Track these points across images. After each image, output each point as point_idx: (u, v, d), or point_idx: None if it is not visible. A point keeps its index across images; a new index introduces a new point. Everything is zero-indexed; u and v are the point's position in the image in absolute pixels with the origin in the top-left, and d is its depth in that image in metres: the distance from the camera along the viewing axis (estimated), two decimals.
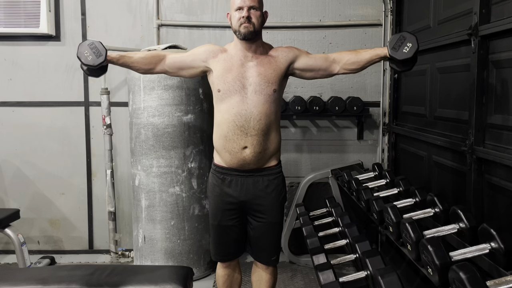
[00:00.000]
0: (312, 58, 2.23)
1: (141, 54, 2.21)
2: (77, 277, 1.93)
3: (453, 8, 2.43)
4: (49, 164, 3.77)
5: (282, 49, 2.24)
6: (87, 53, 2.05)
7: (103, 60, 2.07)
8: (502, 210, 1.97)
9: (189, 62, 2.22)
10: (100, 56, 2.06)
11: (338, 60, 2.19)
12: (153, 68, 2.22)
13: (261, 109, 2.13)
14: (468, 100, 2.17)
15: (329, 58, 2.21)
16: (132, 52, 2.25)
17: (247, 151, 2.14)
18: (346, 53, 2.21)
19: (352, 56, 2.17)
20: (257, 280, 2.40)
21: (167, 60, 2.22)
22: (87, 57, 2.06)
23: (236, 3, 2.11)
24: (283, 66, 2.19)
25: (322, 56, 2.25)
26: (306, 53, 2.25)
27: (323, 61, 2.21)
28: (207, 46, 2.25)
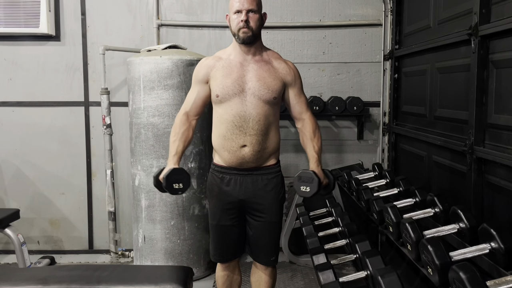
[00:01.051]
0: (295, 100, 2.25)
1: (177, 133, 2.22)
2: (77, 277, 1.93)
3: (453, 8, 2.43)
4: (49, 164, 3.77)
5: (285, 65, 2.23)
6: (176, 185, 2.13)
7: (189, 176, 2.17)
8: (502, 210, 1.97)
9: (202, 94, 2.23)
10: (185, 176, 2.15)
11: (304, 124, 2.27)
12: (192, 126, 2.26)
13: (260, 111, 2.13)
14: (468, 100, 2.17)
15: (302, 115, 2.27)
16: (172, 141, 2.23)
17: (246, 149, 2.15)
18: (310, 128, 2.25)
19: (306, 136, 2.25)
20: (256, 280, 2.40)
21: (191, 113, 2.25)
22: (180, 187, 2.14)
23: (235, 6, 2.11)
24: (282, 80, 2.20)
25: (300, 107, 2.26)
26: (298, 89, 2.26)
27: (297, 112, 2.27)
28: (202, 65, 2.24)
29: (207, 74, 2.20)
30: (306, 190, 2.10)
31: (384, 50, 3.61)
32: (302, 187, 2.10)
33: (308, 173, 2.11)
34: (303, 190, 2.11)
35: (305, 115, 2.26)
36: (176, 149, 2.20)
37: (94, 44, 3.67)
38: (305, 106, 2.27)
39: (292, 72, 2.24)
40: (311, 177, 2.10)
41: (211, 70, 2.19)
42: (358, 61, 3.68)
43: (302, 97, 2.27)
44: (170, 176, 2.11)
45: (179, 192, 2.15)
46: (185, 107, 2.27)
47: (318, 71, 3.69)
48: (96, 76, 3.69)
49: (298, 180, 2.12)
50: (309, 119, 2.26)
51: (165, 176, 2.12)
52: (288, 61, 2.28)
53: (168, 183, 2.11)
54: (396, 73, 3.41)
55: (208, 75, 2.20)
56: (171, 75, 3.05)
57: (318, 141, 2.24)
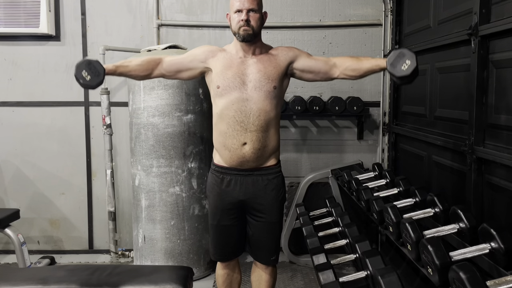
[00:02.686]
0: (312, 60, 2.23)
1: (136, 61, 2.18)
2: (77, 277, 1.93)
3: (453, 8, 2.43)
4: (49, 164, 3.77)
5: (283, 48, 2.25)
6: (85, 73, 2.03)
7: (102, 78, 2.05)
8: (502, 210, 1.97)
9: (187, 63, 2.22)
10: (98, 75, 2.04)
11: (339, 65, 2.18)
12: (150, 73, 2.21)
13: (260, 105, 2.13)
14: (468, 100, 2.17)
15: (330, 62, 2.20)
16: (128, 60, 2.21)
17: (246, 147, 2.15)
18: (347, 58, 2.20)
19: (353, 63, 2.16)
20: (257, 280, 2.40)
21: (164, 64, 2.21)
22: (85, 78, 2.03)
23: (235, 5, 2.11)
24: (283, 64, 2.19)
25: (323, 59, 2.24)
26: (307, 54, 2.25)
27: (323, 64, 2.20)
28: (205, 46, 2.26)
29: (206, 57, 2.20)
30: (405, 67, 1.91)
31: (384, 50, 3.61)
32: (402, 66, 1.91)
33: (395, 52, 1.95)
34: (403, 68, 1.91)
35: (332, 60, 2.21)
36: (121, 64, 2.14)
37: (94, 44, 3.67)
38: (325, 57, 2.24)
39: (293, 48, 2.25)
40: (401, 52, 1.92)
41: (212, 56, 2.19)
42: None
43: (318, 57, 2.25)
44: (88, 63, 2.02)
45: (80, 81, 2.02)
46: (165, 57, 2.23)
47: None
48: None
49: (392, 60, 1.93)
50: (339, 58, 2.21)
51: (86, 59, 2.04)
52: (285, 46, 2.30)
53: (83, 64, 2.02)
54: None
55: (207, 59, 2.20)
56: None
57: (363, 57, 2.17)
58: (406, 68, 1.93)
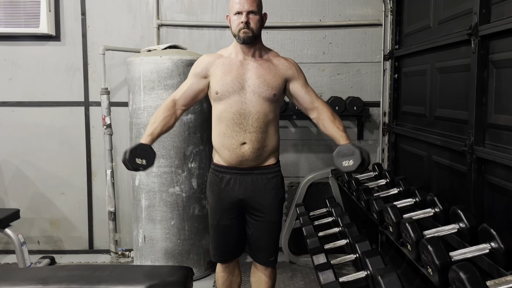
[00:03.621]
0: (303, 90, 2.23)
1: (159, 118, 2.18)
2: (77, 277, 1.93)
3: (453, 8, 2.43)
4: (49, 164, 3.77)
5: (284, 61, 2.24)
6: (139, 160, 2.05)
7: (154, 153, 2.09)
8: (502, 210, 1.97)
9: (196, 87, 2.23)
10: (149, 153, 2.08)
11: (319, 111, 2.21)
12: (176, 116, 2.24)
13: (259, 108, 2.14)
14: (468, 100, 2.17)
15: (314, 103, 2.22)
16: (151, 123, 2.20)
17: (245, 147, 2.15)
18: (328, 112, 2.20)
19: (327, 121, 2.18)
20: (256, 281, 2.40)
21: (179, 102, 2.23)
22: (143, 164, 2.06)
23: (235, 7, 2.11)
24: (282, 76, 2.20)
25: (310, 96, 2.23)
26: (303, 81, 2.25)
27: (308, 102, 2.23)
28: (202, 60, 2.25)
29: (206, 69, 2.20)
30: (349, 164, 1.99)
31: (384, 50, 3.61)
32: (344, 162, 1.99)
33: (346, 146, 2.02)
34: (345, 165, 1.99)
35: (317, 103, 2.23)
36: (152, 131, 2.17)
37: (94, 44, 3.67)
38: (314, 95, 2.25)
39: (293, 67, 2.24)
40: (351, 149, 1.99)
41: (211, 66, 2.20)
42: (358, 61, 3.68)
43: (309, 87, 2.26)
44: (135, 150, 2.05)
45: (140, 169, 2.07)
46: (175, 94, 2.26)
47: (318, 71, 3.69)
48: (96, 76, 3.69)
49: (338, 156, 2.00)
50: (323, 105, 2.23)
51: (130, 149, 2.06)
52: (288, 58, 2.29)
53: (131, 156, 2.04)
54: (396, 73, 3.41)
55: (207, 71, 2.20)
56: (171, 75, 3.05)
57: (340, 122, 2.19)
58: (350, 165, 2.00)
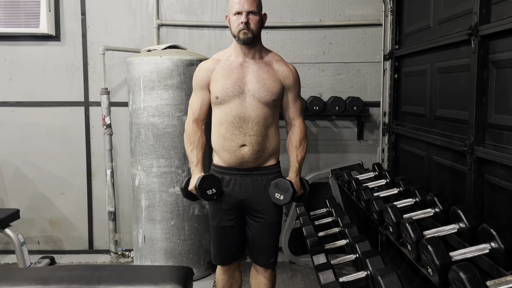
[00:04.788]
0: (290, 103, 2.26)
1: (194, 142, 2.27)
2: (77, 277, 1.93)
3: (453, 8, 2.42)
4: (49, 164, 3.77)
5: (285, 69, 2.23)
6: (209, 191, 2.17)
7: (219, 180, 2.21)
8: (502, 210, 1.97)
9: (206, 98, 2.25)
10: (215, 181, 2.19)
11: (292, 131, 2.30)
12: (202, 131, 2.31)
13: (259, 112, 2.14)
14: (468, 100, 2.17)
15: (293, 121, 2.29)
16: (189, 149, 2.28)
17: (245, 149, 2.15)
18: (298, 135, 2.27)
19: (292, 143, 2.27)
20: (256, 283, 2.40)
21: (199, 119, 2.29)
22: (214, 194, 2.18)
23: (235, 8, 2.11)
24: (281, 82, 2.20)
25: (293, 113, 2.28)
26: (295, 94, 2.27)
27: (289, 117, 2.30)
28: (201, 69, 2.25)
29: (207, 78, 2.21)
30: (279, 198, 2.16)
31: (384, 50, 3.61)
32: (276, 194, 2.16)
33: (285, 182, 2.16)
34: (276, 197, 2.16)
35: (296, 121, 2.28)
36: (196, 157, 2.25)
37: (94, 44, 3.67)
38: (298, 112, 2.28)
39: (292, 76, 2.23)
40: (287, 187, 2.15)
41: (211, 73, 2.20)
42: (358, 61, 3.68)
43: (297, 102, 2.28)
44: (201, 184, 2.16)
45: (214, 197, 2.19)
46: (193, 114, 2.28)
47: (318, 71, 3.69)
48: (96, 76, 3.69)
49: (274, 187, 2.17)
50: (299, 127, 2.28)
51: (197, 186, 2.16)
52: (290, 64, 2.28)
53: (202, 191, 2.16)
54: (396, 73, 3.41)
55: (208, 79, 2.20)
56: (171, 75, 3.05)
57: (303, 151, 2.27)
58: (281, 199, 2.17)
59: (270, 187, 2.18)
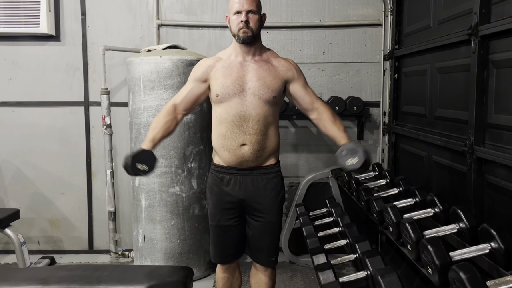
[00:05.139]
0: (303, 91, 2.24)
1: (160, 123, 2.20)
2: (77, 277, 1.93)
3: (453, 8, 2.43)
4: (49, 164, 3.77)
5: (284, 62, 2.24)
6: (140, 166, 2.07)
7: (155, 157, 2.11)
8: (502, 210, 1.97)
9: (195, 91, 2.23)
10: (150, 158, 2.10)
11: (319, 112, 2.23)
12: (177, 120, 2.25)
13: (259, 111, 2.14)
14: (468, 100, 2.17)
15: (315, 104, 2.24)
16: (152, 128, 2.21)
17: (245, 148, 2.15)
18: (328, 113, 2.22)
19: (327, 122, 2.20)
20: (256, 282, 2.40)
21: (179, 107, 2.24)
22: (144, 170, 2.08)
23: (235, 7, 2.11)
24: (282, 78, 2.20)
25: (311, 97, 2.24)
26: (303, 82, 2.25)
27: (308, 102, 2.24)
28: (201, 64, 2.25)
29: (206, 73, 2.20)
30: (353, 163, 2.00)
31: (384, 50, 3.61)
32: (349, 161, 2.00)
33: (349, 145, 2.03)
34: (350, 163, 2.00)
35: (317, 104, 2.24)
36: (154, 136, 2.17)
37: (94, 44, 3.67)
38: (314, 96, 2.26)
39: (293, 68, 2.24)
40: (354, 148, 2.01)
41: (211, 70, 2.20)
42: (358, 61, 3.68)
43: (308, 88, 2.27)
44: (136, 156, 2.07)
45: (141, 174, 2.09)
46: (175, 99, 2.26)
47: (318, 71, 3.69)
48: (96, 76, 3.69)
49: (341, 155, 2.01)
50: (323, 106, 2.25)
51: (131, 155, 2.07)
52: (287, 58, 2.29)
53: (132, 161, 2.05)
54: (396, 73, 3.41)
55: (207, 75, 2.20)
56: (171, 75, 3.05)
57: (340, 123, 2.21)
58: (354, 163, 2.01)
59: (338, 158, 2.03)
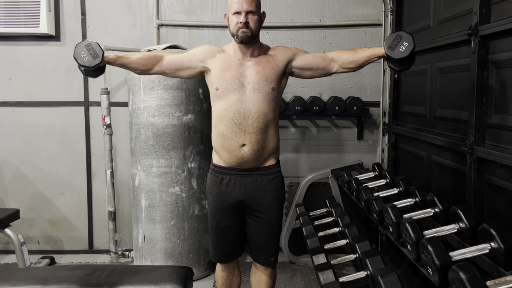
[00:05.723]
0: (310, 57, 2.24)
1: (138, 55, 2.21)
2: (77, 277, 1.93)
3: (453, 8, 2.43)
4: (49, 164, 3.77)
5: (280, 48, 2.25)
6: (83, 54, 2.04)
7: (99, 61, 2.06)
8: (502, 210, 1.97)
9: (186, 62, 2.23)
10: (96, 57, 2.05)
11: (337, 59, 2.20)
12: (151, 68, 2.22)
13: (259, 107, 2.13)
14: (468, 100, 2.17)
15: (328, 57, 2.22)
16: (130, 53, 2.25)
17: (245, 148, 2.15)
18: (344, 52, 2.22)
19: (350, 55, 2.18)
20: (256, 281, 2.40)
21: (165, 61, 2.22)
22: (83, 58, 2.04)
23: (234, 7, 2.11)
24: (281, 65, 2.20)
25: (320, 55, 2.26)
26: (304, 52, 2.26)
27: (321, 60, 2.22)
28: (205, 46, 2.26)
29: (206, 57, 2.20)
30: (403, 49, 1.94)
31: None
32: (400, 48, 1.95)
33: (392, 35, 1.98)
34: (401, 50, 1.95)
35: (329, 55, 2.22)
36: (123, 55, 2.17)
37: None
38: (322, 54, 2.26)
39: (291, 47, 2.26)
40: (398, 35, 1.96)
41: (211, 56, 2.20)
42: None
43: (315, 54, 2.27)
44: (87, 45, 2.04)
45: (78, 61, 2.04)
46: (166, 55, 2.25)
47: None
48: None
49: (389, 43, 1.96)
50: (336, 52, 2.23)
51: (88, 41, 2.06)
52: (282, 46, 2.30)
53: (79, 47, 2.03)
54: (396, 73, 3.41)
55: (206, 59, 2.20)
56: None
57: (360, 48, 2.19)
58: (404, 49, 1.96)
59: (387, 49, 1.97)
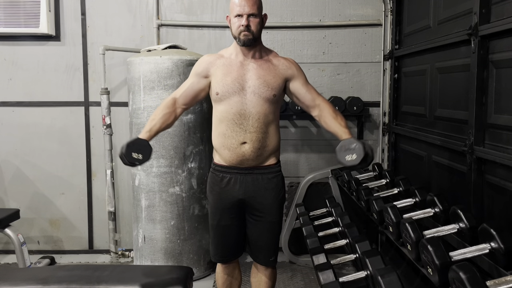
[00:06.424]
0: (304, 89, 2.24)
1: (158, 116, 2.20)
2: (77, 277, 1.93)
3: (453, 8, 2.43)
4: (49, 164, 3.77)
5: (284, 61, 2.25)
6: (136, 155, 2.04)
7: (150, 148, 2.08)
8: (502, 210, 1.97)
9: (197, 86, 2.24)
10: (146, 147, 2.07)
11: (320, 109, 2.22)
12: (176, 114, 2.24)
13: (259, 109, 2.14)
14: (468, 100, 2.17)
15: (316, 101, 2.23)
16: (150, 119, 2.21)
17: (246, 146, 2.15)
18: (329, 109, 2.21)
19: (328, 117, 2.19)
20: (256, 281, 2.40)
21: (179, 100, 2.24)
22: (138, 158, 2.05)
23: (235, 10, 2.11)
24: (282, 76, 2.21)
25: (312, 95, 2.24)
26: (303, 80, 2.26)
27: (310, 100, 2.24)
28: (203, 60, 2.26)
29: (207, 69, 2.21)
30: (352, 158, 1.96)
31: (384, 50, 3.61)
32: (348, 156, 1.96)
33: (349, 141, 2.00)
34: (349, 159, 1.97)
35: (318, 100, 2.24)
36: (151, 127, 2.18)
37: (94, 44, 3.67)
38: (315, 92, 2.26)
39: (293, 66, 2.25)
40: (354, 144, 1.97)
41: (211, 66, 2.21)
42: (358, 61, 3.68)
43: (309, 85, 2.27)
44: (132, 145, 2.05)
45: (136, 163, 2.07)
46: (176, 93, 2.27)
47: (318, 71, 3.69)
48: (96, 76, 3.69)
49: (341, 150, 1.98)
50: (324, 102, 2.24)
51: (127, 143, 2.05)
52: (287, 57, 2.29)
53: (128, 150, 2.03)
54: (396, 73, 3.41)
55: (208, 71, 2.21)
56: (171, 75, 3.05)
57: (342, 118, 2.19)
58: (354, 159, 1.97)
59: (338, 154, 1.99)
